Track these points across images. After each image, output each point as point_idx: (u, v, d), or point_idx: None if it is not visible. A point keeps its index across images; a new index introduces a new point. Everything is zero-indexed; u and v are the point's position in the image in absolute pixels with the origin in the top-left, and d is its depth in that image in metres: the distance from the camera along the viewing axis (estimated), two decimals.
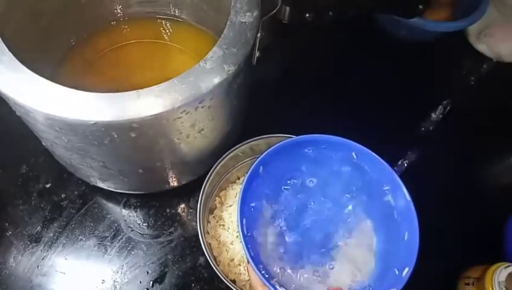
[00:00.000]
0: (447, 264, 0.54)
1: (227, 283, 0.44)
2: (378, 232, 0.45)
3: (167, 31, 0.60)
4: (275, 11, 0.43)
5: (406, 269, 0.40)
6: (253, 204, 0.44)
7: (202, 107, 0.38)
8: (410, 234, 0.42)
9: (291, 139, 0.46)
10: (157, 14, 0.60)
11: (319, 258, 0.43)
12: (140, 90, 0.36)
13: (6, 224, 0.53)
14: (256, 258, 0.40)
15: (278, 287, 0.38)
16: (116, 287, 0.50)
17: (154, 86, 0.36)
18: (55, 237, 0.52)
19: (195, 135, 0.42)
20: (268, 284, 0.38)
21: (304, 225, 0.45)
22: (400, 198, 0.44)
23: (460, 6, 0.67)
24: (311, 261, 0.43)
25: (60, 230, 0.53)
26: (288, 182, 0.46)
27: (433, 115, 0.65)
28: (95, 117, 0.34)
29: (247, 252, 0.39)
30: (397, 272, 0.41)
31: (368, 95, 0.66)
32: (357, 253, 0.43)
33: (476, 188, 0.61)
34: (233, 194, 0.52)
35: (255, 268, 0.38)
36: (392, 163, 0.45)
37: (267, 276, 0.39)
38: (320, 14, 0.46)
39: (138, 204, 0.55)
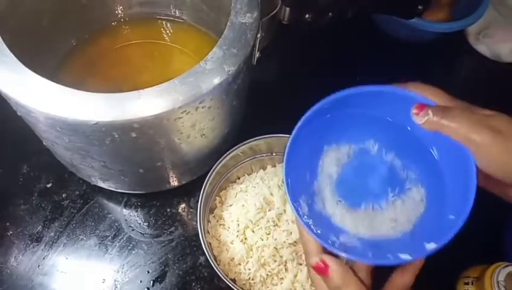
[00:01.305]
0: (446, 264, 0.54)
1: (228, 282, 0.44)
2: (429, 197, 0.40)
3: (168, 31, 0.60)
4: (275, 11, 0.43)
5: (433, 244, 0.37)
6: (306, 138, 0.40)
7: (202, 108, 0.38)
8: (461, 197, 0.37)
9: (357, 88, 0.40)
10: (157, 15, 0.60)
11: (363, 205, 0.41)
12: (141, 91, 0.36)
13: (8, 224, 0.53)
14: (294, 194, 0.38)
15: (308, 220, 0.37)
16: (116, 287, 0.50)
17: (154, 86, 0.36)
18: (56, 237, 0.53)
19: (195, 135, 0.43)
20: (297, 216, 0.37)
21: (355, 175, 0.42)
22: (456, 158, 0.38)
23: (459, 7, 0.67)
24: (352, 207, 0.40)
25: (61, 230, 0.53)
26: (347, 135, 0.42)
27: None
28: (96, 117, 0.35)
29: (285, 185, 0.37)
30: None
31: None
32: (402, 214, 0.40)
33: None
34: (234, 194, 0.52)
35: (289, 200, 0.37)
36: None
37: (299, 208, 0.37)
38: (320, 14, 0.46)
39: (139, 204, 0.55)
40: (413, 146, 0.41)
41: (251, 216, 0.49)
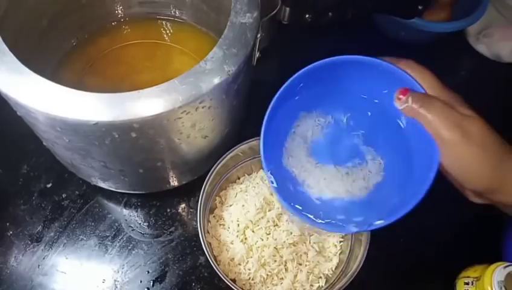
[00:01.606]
0: (446, 264, 0.54)
1: (228, 282, 0.44)
2: (387, 173, 0.42)
3: (168, 31, 0.60)
4: (275, 11, 0.43)
5: (381, 221, 0.38)
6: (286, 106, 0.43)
7: (202, 108, 0.38)
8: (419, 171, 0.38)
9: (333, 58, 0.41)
10: (157, 15, 0.60)
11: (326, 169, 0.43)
12: (141, 91, 0.36)
13: (8, 224, 0.53)
14: (268, 154, 0.41)
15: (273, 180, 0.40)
16: (116, 287, 0.50)
17: (154, 87, 0.36)
18: (56, 237, 0.52)
19: (195, 135, 0.43)
20: (268, 174, 0.40)
21: (324, 142, 0.44)
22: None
23: (459, 7, 0.67)
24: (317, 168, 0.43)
25: (60, 230, 0.53)
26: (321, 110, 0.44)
27: None
28: (96, 117, 0.35)
29: (261, 144, 0.40)
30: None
31: None
32: (357, 185, 0.43)
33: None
34: (234, 194, 0.52)
35: (263, 161, 0.40)
36: None
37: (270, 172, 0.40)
38: (320, 14, 0.46)
39: (139, 204, 0.55)
40: (388, 123, 0.41)
41: (251, 216, 0.49)
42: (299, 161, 0.43)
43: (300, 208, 0.41)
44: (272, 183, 0.41)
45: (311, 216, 0.40)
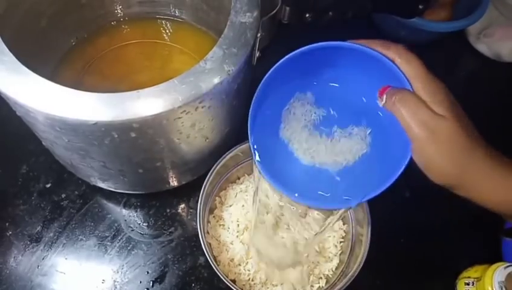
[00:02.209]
0: (446, 264, 0.54)
1: (227, 283, 0.44)
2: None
3: (167, 31, 0.60)
4: (275, 11, 0.43)
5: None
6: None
7: (202, 107, 0.38)
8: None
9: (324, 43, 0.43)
10: (157, 14, 0.60)
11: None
12: (140, 91, 0.36)
13: (7, 224, 0.53)
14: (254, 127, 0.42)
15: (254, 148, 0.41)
16: (116, 287, 0.50)
17: (154, 86, 0.36)
18: (55, 237, 0.52)
19: (195, 135, 0.42)
20: (251, 145, 0.41)
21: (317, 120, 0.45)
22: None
23: (460, 6, 0.67)
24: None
25: (60, 230, 0.53)
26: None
27: None
28: (95, 117, 0.35)
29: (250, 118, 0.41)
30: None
31: None
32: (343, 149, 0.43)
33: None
34: (233, 194, 0.52)
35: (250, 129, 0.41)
36: None
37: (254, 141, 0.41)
38: (320, 14, 0.46)
39: (138, 204, 0.55)
40: (376, 111, 0.42)
41: (251, 217, 0.49)
42: (294, 131, 0.44)
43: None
44: (255, 149, 0.41)
45: (295, 194, 0.41)
